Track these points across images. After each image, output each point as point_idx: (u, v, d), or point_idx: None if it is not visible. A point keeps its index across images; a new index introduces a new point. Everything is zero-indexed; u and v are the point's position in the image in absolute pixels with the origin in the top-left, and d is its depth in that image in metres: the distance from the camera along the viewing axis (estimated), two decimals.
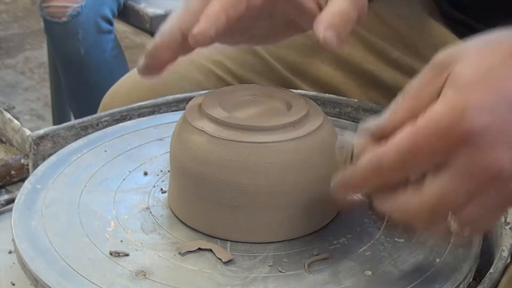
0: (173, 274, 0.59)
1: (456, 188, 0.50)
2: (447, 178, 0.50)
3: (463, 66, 0.51)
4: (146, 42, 0.68)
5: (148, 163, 0.73)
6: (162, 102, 0.87)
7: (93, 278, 0.58)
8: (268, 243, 0.62)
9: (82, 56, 1.86)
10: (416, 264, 0.60)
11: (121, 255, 0.61)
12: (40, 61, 2.92)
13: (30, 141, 0.78)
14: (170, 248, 0.62)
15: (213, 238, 0.63)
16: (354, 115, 0.83)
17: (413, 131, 0.50)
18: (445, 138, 0.49)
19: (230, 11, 0.61)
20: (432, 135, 0.49)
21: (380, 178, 0.53)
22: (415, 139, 0.50)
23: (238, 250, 0.62)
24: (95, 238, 0.62)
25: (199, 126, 0.63)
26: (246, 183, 0.61)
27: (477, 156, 0.49)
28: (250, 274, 0.59)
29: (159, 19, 1.91)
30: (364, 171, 0.53)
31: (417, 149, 0.50)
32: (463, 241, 0.58)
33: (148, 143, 0.68)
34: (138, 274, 0.59)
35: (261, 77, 0.90)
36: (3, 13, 1.73)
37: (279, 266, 0.60)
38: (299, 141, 0.62)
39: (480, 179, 0.49)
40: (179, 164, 0.64)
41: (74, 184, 0.70)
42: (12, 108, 1.04)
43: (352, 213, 0.66)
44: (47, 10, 1.87)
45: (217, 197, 0.62)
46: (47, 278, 0.58)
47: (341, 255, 0.61)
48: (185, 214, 0.65)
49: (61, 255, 0.60)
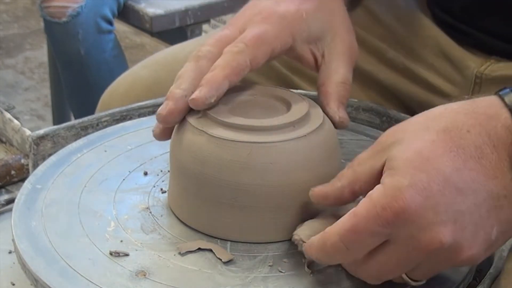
0: (173, 274, 0.59)
1: (403, 260, 0.53)
2: (392, 251, 0.53)
3: (399, 150, 0.54)
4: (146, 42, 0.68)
5: (148, 163, 0.73)
6: (162, 102, 0.87)
7: (93, 278, 0.58)
8: (268, 243, 0.62)
9: (82, 56, 1.86)
10: None
11: (121, 255, 0.61)
12: (40, 61, 2.92)
13: (30, 141, 0.78)
14: (170, 248, 0.62)
15: (213, 238, 0.63)
16: (354, 115, 0.83)
17: (352, 215, 0.53)
18: (382, 220, 0.51)
19: (233, 78, 0.64)
20: (370, 218, 0.52)
21: (328, 258, 0.56)
22: (355, 223, 0.52)
23: (238, 250, 0.62)
24: (95, 238, 0.62)
25: (199, 126, 0.62)
26: (246, 183, 0.61)
27: (417, 233, 0.52)
28: (250, 274, 0.59)
29: (159, 19, 1.92)
30: (313, 252, 0.56)
31: (358, 232, 0.53)
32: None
33: (148, 143, 0.68)
34: (138, 274, 0.59)
35: (260, 75, 0.90)
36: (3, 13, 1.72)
37: (279, 266, 0.60)
38: (299, 141, 0.62)
39: (424, 251, 0.52)
40: (179, 164, 0.64)
41: (74, 184, 0.70)
42: (12, 108, 1.04)
43: None
44: (47, 10, 1.87)
45: (217, 197, 0.62)
46: (47, 278, 0.58)
47: None
48: (185, 214, 0.65)
49: (61, 255, 0.60)
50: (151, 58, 1.02)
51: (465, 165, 0.52)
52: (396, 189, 0.51)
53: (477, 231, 0.53)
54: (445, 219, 0.51)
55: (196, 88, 0.63)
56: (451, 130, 0.53)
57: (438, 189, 0.51)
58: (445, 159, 0.52)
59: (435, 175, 0.52)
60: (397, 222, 0.51)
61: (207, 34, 1.04)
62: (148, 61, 1.00)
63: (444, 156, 0.52)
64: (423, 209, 0.51)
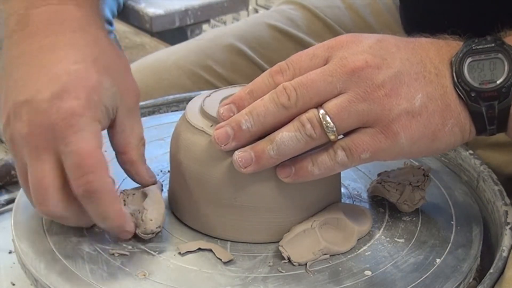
0: (173, 274, 0.59)
1: (327, 73, 0.58)
2: (325, 68, 0.59)
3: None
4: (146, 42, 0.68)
5: (148, 163, 0.72)
6: (162, 102, 0.87)
7: (93, 278, 0.58)
8: (268, 243, 0.62)
9: None
10: (416, 264, 0.60)
11: (121, 255, 0.61)
12: None
13: None
14: (170, 248, 0.62)
15: (213, 238, 0.63)
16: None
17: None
18: (325, 46, 0.60)
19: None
20: (318, 47, 0.61)
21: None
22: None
23: (238, 250, 0.62)
24: (95, 238, 0.62)
25: (199, 126, 0.63)
26: (246, 183, 0.61)
27: (348, 55, 0.59)
28: (250, 274, 0.59)
29: (159, 19, 1.92)
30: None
31: (303, 53, 0.61)
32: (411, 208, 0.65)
33: (148, 143, 0.68)
34: (138, 274, 0.59)
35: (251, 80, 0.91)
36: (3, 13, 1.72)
37: (279, 266, 0.60)
38: None
39: (350, 68, 0.58)
40: (179, 164, 0.64)
41: None
42: None
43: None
44: None
45: (217, 197, 0.62)
46: (47, 278, 0.58)
47: (341, 255, 0.61)
48: (185, 214, 0.65)
49: (61, 255, 0.60)
50: (139, 63, 1.01)
51: (407, 39, 0.61)
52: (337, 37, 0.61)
53: (402, 80, 0.58)
54: (376, 53, 0.59)
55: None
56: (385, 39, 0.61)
57: (379, 38, 0.60)
58: (390, 37, 0.61)
59: (377, 35, 0.61)
60: (336, 47, 0.60)
61: (195, 38, 1.04)
62: (134, 66, 0.99)
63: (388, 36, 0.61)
64: (358, 40, 0.60)
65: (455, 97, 0.59)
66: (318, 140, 0.58)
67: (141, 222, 0.61)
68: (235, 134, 0.59)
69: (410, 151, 0.59)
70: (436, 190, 0.71)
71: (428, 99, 0.58)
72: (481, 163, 0.73)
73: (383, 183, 0.67)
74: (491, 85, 0.58)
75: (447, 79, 0.59)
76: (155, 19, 1.91)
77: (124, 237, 0.62)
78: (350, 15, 1.01)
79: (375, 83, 0.57)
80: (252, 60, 0.98)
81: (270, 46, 0.99)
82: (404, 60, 0.59)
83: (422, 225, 0.65)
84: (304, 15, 1.02)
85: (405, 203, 0.66)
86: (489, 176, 0.71)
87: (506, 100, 0.58)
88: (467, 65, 0.59)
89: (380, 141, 0.58)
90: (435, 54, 0.60)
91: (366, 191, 0.70)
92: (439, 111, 0.58)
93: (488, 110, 0.59)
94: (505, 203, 0.67)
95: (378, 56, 0.58)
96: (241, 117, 0.59)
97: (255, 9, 2.42)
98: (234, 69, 0.97)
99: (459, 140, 0.60)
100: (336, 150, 0.58)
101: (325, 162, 0.58)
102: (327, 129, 0.57)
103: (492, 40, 0.59)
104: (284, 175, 0.59)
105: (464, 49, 0.59)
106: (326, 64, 0.59)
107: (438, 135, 0.59)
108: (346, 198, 0.69)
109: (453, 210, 0.68)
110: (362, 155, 0.58)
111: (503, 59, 0.59)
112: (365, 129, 0.58)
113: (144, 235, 0.61)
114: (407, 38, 0.61)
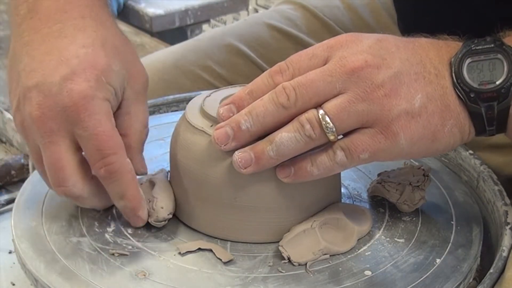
0: (173, 274, 0.59)
1: (327, 73, 0.58)
2: (324, 68, 0.59)
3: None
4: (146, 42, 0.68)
5: (148, 163, 0.72)
6: (162, 102, 0.87)
7: (93, 278, 0.58)
8: (268, 243, 0.62)
9: None
10: (416, 264, 0.60)
11: (121, 255, 0.61)
12: None
13: None
14: (170, 248, 0.62)
15: (213, 238, 0.63)
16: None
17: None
18: (324, 45, 0.60)
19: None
20: (316, 47, 0.60)
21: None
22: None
23: (238, 250, 0.62)
24: (95, 238, 0.62)
25: (199, 126, 0.62)
26: (246, 183, 0.61)
27: (348, 55, 0.58)
28: (250, 274, 0.59)
29: (159, 19, 1.92)
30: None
31: (303, 53, 0.61)
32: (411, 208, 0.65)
33: (148, 143, 0.68)
34: (138, 274, 0.59)
35: (251, 80, 0.91)
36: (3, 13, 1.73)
37: (279, 266, 0.60)
38: None
39: (349, 68, 0.58)
40: (179, 164, 0.64)
41: None
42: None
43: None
44: None
45: (217, 197, 0.62)
46: (47, 278, 0.58)
47: (341, 255, 0.61)
48: (185, 214, 0.65)
49: (61, 255, 0.60)
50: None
51: (407, 39, 0.61)
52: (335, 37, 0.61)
53: (402, 80, 0.58)
54: (376, 53, 0.58)
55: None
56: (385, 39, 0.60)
57: (378, 38, 0.60)
58: (390, 36, 0.61)
59: (377, 35, 0.61)
60: (335, 46, 0.60)
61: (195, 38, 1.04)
62: None
63: (388, 36, 0.61)
64: (358, 40, 0.60)
65: (454, 97, 0.59)
66: (318, 141, 0.58)
67: (153, 211, 0.63)
68: (234, 134, 0.59)
69: (409, 152, 0.59)
70: (436, 190, 0.71)
71: (427, 100, 0.58)
72: (481, 163, 0.73)
73: (383, 183, 0.67)
74: (490, 86, 0.58)
75: (446, 79, 0.59)
76: (155, 19, 1.90)
77: (136, 223, 0.63)
78: (349, 14, 1.01)
79: (375, 83, 0.57)
80: (251, 60, 0.98)
81: (269, 46, 0.99)
82: (404, 60, 0.59)
83: (422, 225, 0.65)
84: (303, 14, 1.02)
85: (405, 203, 0.66)
86: (489, 176, 0.71)
87: (505, 101, 0.58)
88: (467, 65, 0.59)
89: (379, 142, 0.58)
90: (434, 55, 0.60)
91: (366, 191, 0.70)
92: (438, 112, 0.58)
93: (488, 110, 0.59)
94: (505, 203, 0.67)
95: (377, 56, 0.58)
96: (241, 117, 0.59)
97: (255, 9, 2.42)
98: (234, 69, 0.97)
99: (458, 140, 0.60)
100: (336, 150, 0.58)
101: (324, 163, 0.58)
102: (326, 129, 0.57)
103: (492, 41, 0.59)
104: (283, 175, 0.59)
105: (464, 49, 0.59)
106: (325, 64, 0.59)
107: (437, 136, 0.59)
108: (346, 198, 0.69)
109: (453, 210, 0.68)
110: (362, 156, 0.58)
111: (503, 59, 0.59)
112: (365, 130, 0.58)
113: (157, 223, 0.62)
114: (407, 38, 0.61)
